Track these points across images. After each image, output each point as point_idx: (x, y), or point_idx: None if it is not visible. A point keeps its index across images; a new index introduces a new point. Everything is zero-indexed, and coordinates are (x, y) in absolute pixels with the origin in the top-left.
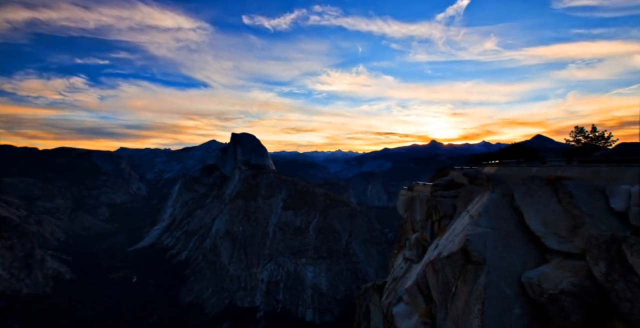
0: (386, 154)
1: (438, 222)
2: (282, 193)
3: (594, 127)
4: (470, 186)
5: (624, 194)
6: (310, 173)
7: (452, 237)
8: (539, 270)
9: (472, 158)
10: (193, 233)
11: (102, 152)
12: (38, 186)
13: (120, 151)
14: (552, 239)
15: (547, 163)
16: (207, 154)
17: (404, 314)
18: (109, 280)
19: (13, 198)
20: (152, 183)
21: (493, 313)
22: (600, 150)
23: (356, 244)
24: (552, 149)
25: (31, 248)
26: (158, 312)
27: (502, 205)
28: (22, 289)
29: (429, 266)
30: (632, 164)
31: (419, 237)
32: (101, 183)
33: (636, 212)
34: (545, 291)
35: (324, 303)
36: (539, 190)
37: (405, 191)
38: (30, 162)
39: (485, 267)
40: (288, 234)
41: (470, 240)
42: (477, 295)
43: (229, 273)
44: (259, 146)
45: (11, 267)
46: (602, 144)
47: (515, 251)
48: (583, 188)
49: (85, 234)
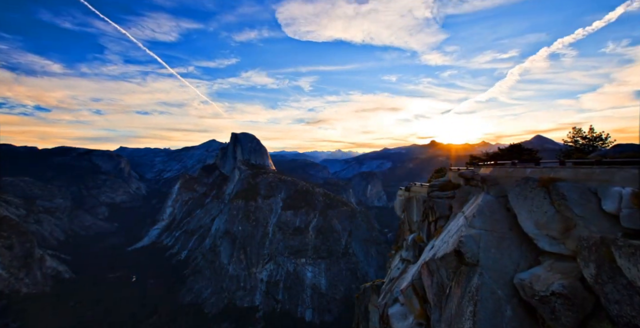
0: (386, 154)
1: (434, 223)
2: (281, 193)
3: (592, 128)
4: (466, 187)
5: (616, 196)
6: (310, 173)
7: (447, 238)
8: (531, 271)
9: (470, 158)
10: (192, 232)
11: (101, 151)
12: (38, 185)
13: (120, 151)
14: (545, 241)
15: (541, 164)
16: (206, 154)
17: (399, 315)
18: (108, 279)
19: (13, 197)
20: (151, 183)
21: (485, 315)
22: (596, 151)
23: (356, 244)
24: (552, 150)
25: (30, 247)
26: (157, 312)
27: (496, 206)
28: (22, 288)
29: (424, 267)
30: (623, 165)
31: (416, 237)
32: (101, 182)
33: (627, 214)
34: (536, 293)
35: (324, 303)
36: (532, 192)
37: (402, 191)
38: (30, 162)
39: (479, 268)
40: (287, 234)
41: (464, 242)
42: (470, 296)
43: (228, 273)
44: (259, 146)
45: (10, 266)
46: (600, 145)
47: (509, 252)
48: (575, 190)
49: (85, 234)
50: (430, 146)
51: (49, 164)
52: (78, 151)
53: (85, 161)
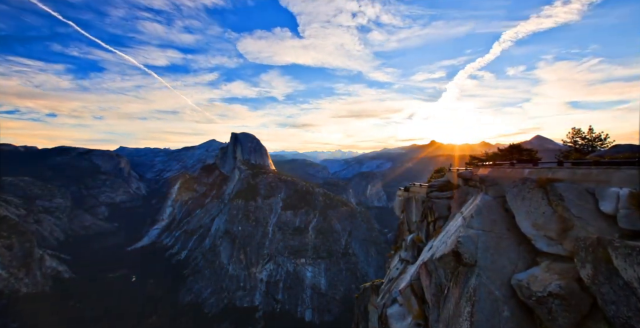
0: (386, 154)
1: (433, 223)
2: (281, 193)
3: (591, 129)
4: (464, 187)
5: (613, 197)
6: (310, 173)
7: (445, 238)
8: (529, 272)
9: (470, 158)
10: (192, 232)
11: (101, 151)
12: (37, 185)
13: (120, 150)
14: (542, 241)
15: (539, 165)
16: (206, 154)
17: (397, 315)
18: (108, 279)
19: (12, 197)
20: (151, 183)
21: (482, 316)
22: (595, 152)
23: (355, 244)
24: (552, 150)
25: (30, 247)
26: (157, 312)
27: (494, 207)
28: (21, 288)
29: (423, 268)
30: (621, 166)
31: (415, 238)
32: (101, 182)
33: (624, 214)
34: (533, 293)
35: (323, 303)
36: (530, 192)
37: (401, 192)
38: (30, 161)
39: (476, 269)
40: (287, 234)
41: (462, 242)
42: (468, 297)
43: (228, 273)
44: (259, 146)
45: (10, 266)
46: (600, 145)
47: (507, 253)
48: (573, 190)
49: (85, 233)
50: (430, 146)
51: (48, 163)
52: (78, 151)
53: (85, 161)
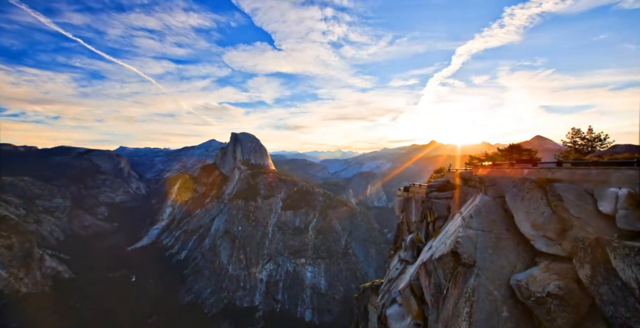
0: (386, 154)
1: (433, 223)
2: (281, 193)
3: (591, 129)
4: (464, 187)
5: (612, 197)
6: (310, 173)
7: (444, 238)
8: (528, 272)
9: (469, 158)
10: (192, 232)
11: (101, 151)
12: (37, 185)
13: (120, 150)
14: (541, 242)
15: (539, 165)
16: (206, 154)
17: (397, 316)
18: (108, 279)
19: (12, 197)
20: (151, 183)
21: (481, 316)
22: (594, 152)
23: (355, 244)
24: (551, 150)
25: (30, 247)
26: (157, 312)
27: (493, 207)
28: (21, 288)
29: (422, 268)
30: (619, 166)
31: (414, 238)
32: (100, 182)
33: (623, 214)
34: (532, 294)
35: (323, 303)
36: (529, 193)
37: (401, 192)
38: (30, 161)
39: (475, 269)
40: (287, 234)
41: (461, 243)
42: (467, 297)
43: (228, 273)
44: (259, 146)
45: (10, 266)
46: (599, 146)
47: (505, 253)
48: (572, 191)
49: (85, 233)
50: (429, 146)
51: (48, 163)
52: (78, 151)
53: (84, 161)
